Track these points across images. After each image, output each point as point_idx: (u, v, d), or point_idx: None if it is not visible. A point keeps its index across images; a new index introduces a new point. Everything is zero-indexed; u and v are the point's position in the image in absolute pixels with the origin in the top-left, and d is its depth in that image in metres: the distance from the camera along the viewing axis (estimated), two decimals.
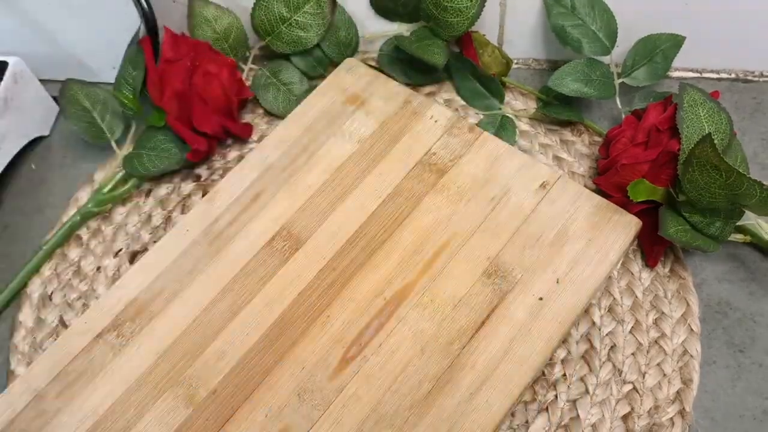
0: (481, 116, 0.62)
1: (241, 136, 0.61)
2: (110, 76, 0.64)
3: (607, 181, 0.53)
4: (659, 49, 0.59)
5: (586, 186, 0.55)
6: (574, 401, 0.48)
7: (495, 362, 0.44)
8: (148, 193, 0.60)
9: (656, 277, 0.53)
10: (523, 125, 0.62)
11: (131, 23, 0.60)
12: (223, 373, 0.45)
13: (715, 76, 0.64)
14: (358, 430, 0.43)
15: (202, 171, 0.61)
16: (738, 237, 0.53)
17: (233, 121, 0.60)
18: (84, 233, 0.59)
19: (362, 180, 0.52)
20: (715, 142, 0.45)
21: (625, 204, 0.51)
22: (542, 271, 0.48)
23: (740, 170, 0.44)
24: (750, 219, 0.51)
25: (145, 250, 0.58)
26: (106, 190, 0.59)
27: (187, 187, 0.60)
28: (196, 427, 0.44)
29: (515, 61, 0.66)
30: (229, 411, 0.44)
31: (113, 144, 0.60)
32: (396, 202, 0.51)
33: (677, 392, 0.48)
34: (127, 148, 0.61)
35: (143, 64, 0.59)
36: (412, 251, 0.49)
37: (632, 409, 0.48)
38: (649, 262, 0.53)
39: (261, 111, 0.65)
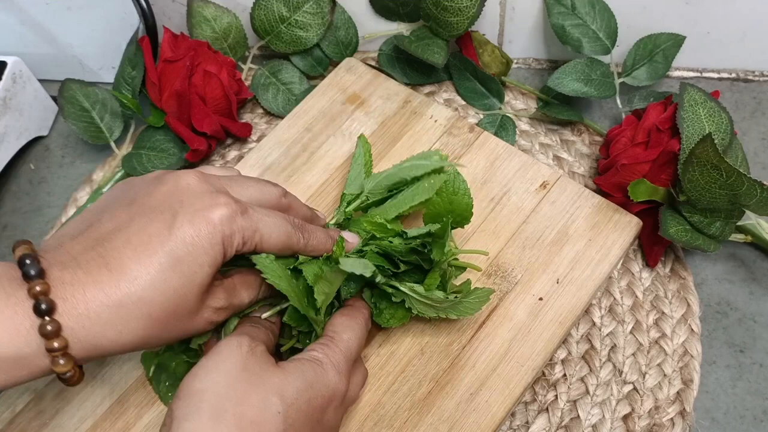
0: (481, 116, 0.62)
1: (241, 135, 0.61)
2: (110, 76, 0.64)
3: (608, 180, 0.53)
4: (659, 48, 0.59)
5: (586, 186, 0.55)
6: (575, 401, 0.48)
7: (495, 362, 0.44)
8: None
9: (656, 277, 0.53)
10: (523, 125, 0.62)
11: (131, 23, 0.60)
12: None
13: (715, 75, 0.64)
14: (358, 430, 0.43)
15: None
16: (738, 237, 0.53)
17: (233, 121, 0.60)
18: None
19: None
20: (716, 141, 0.45)
21: (626, 204, 0.51)
22: (542, 271, 0.47)
23: (741, 170, 0.44)
24: (750, 219, 0.51)
25: None
26: (105, 189, 0.59)
27: None
28: None
29: (515, 61, 0.66)
30: None
31: (112, 144, 0.60)
32: None
33: (677, 392, 0.48)
34: (126, 148, 0.61)
35: (142, 64, 0.58)
36: None
37: (632, 409, 0.48)
38: (650, 262, 0.53)
39: (261, 111, 0.65)
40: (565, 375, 0.49)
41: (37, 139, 0.65)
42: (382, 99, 0.56)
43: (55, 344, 0.30)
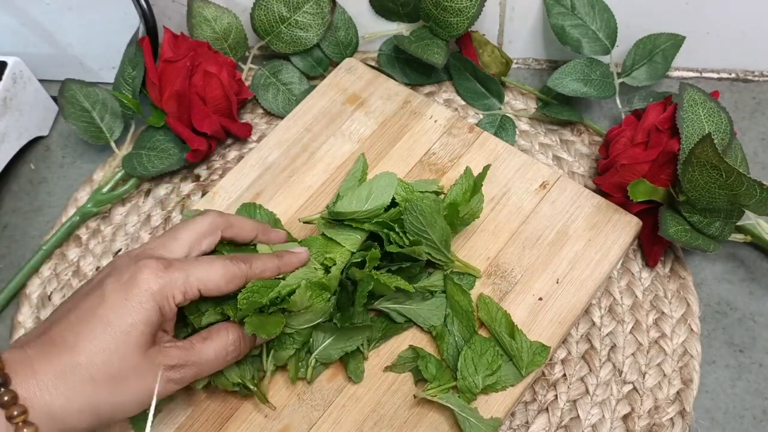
0: (481, 116, 0.62)
1: (241, 135, 0.61)
2: (110, 76, 0.64)
3: (607, 181, 0.53)
4: (659, 48, 0.59)
5: (586, 186, 0.55)
6: (574, 401, 0.48)
7: None
8: (147, 193, 0.60)
9: (656, 277, 0.53)
10: (522, 125, 0.62)
11: (131, 23, 0.60)
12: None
13: (715, 75, 0.64)
14: (357, 430, 0.43)
15: (202, 171, 0.61)
16: (738, 237, 0.53)
17: (233, 121, 0.60)
18: (83, 233, 0.59)
19: None
20: (715, 141, 0.45)
21: (625, 204, 0.51)
22: (542, 271, 0.48)
23: (740, 170, 0.44)
24: (750, 219, 0.51)
25: None
26: (105, 190, 0.59)
27: (187, 187, 0.60)
28: (196, 427, 0.43)
29: (515, 61, 0.66)
30: (229, 411, 0.44)
31: (112, 144, 0.60)
32: None
33: (677, 392, 0.48)
34: (126, 148, 0.61)
35: (142, 64, 0.58)
36: None
37: (632, 409, 0.48)
38: (649, 262, 0.53)
39: (261, 111, 0.65)
40: (564, 375, 0.49)
41: (37, 139, 0.65)
42: (382, 99, 0.56)
43: (15, 412, 0.33)
